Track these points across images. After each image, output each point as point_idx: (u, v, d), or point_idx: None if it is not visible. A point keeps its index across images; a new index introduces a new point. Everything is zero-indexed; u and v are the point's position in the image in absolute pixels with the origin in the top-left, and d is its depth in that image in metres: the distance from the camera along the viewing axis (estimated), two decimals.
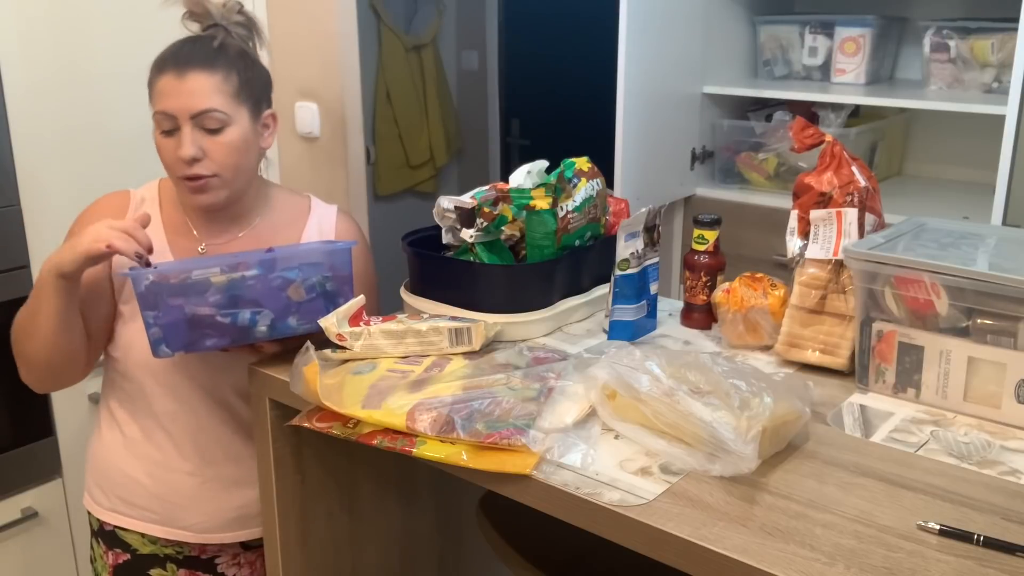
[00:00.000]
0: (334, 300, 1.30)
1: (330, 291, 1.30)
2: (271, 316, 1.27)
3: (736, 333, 1.30)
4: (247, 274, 1.26)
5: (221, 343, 1.28)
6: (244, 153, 1.39)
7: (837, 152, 1.25)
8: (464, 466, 1.02)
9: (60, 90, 2.07)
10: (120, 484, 1.51)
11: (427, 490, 1.54)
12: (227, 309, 1.25)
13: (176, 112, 1.33)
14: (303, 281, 1.28)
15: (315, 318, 1.28)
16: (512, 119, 4.33)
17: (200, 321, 1.25)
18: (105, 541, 1.55)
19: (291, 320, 1.28)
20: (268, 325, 1.27)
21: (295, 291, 1.28)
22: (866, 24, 2.38)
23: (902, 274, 1.12)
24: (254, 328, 1.27)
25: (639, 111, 2.24)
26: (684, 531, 0.87)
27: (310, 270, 1.29)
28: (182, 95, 1.33)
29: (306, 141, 2.57)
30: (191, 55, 1.36)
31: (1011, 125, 1.83)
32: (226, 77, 1.36)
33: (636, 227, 1.30)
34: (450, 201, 1.37)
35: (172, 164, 1.36)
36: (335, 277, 1.30)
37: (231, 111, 1.36)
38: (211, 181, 1.36)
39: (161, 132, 1.36)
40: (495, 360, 1.24)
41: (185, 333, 1.26)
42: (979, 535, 0.85)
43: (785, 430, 1.01)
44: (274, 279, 1.27)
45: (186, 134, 1.33)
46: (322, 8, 2.42)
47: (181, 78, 1.33)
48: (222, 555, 1.55)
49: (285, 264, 1.28)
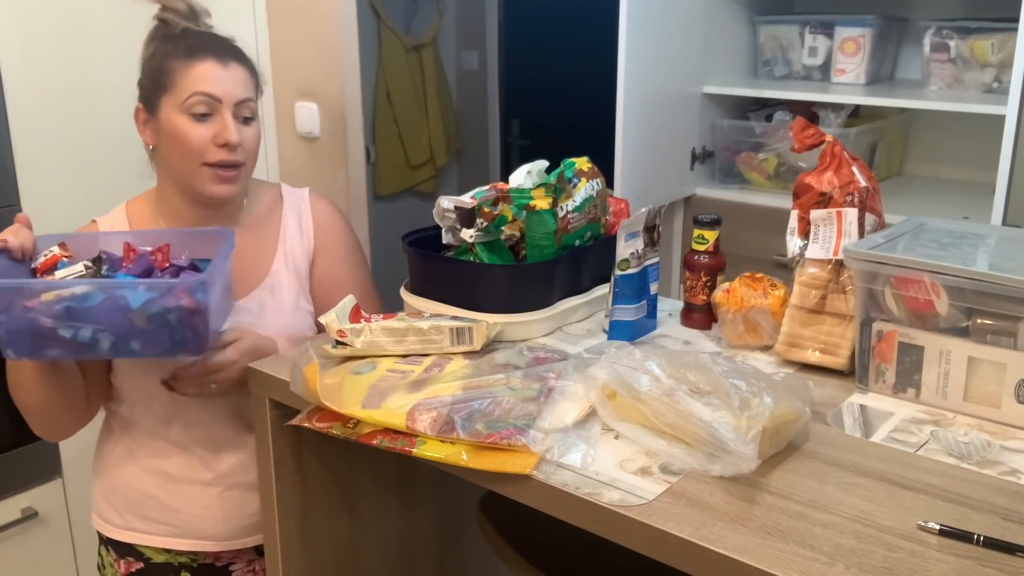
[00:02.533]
0: (181, 331, 1.25)
1: (173, 322, 1.25)
2: (112, 338, 1.24)
3: (736, 333, 1.30)
4: (76, 291, 1.23)
5: (65, 355, 1.28)
6: (260, 146, 1.45)
7: (837, 152, 1.25)
8: (464, 466, 1.02)
9: (60, 91, 2.07)
10: (135, 502, 1.50)
11: (427, 490, 1.54)
12: (70, 322, 1.22)
13: (223, 96, 1.35)
14: (144, 309, 1.23)
15: (160, 346, 1.26)
16: (512, 119, 4.33)
17: (42, 332, 1.23)
18: (116, 550, 1.53)
19: (133, 344, 1.25)
20: (110, 344, 1.25)
21: (137, 317, 1.24)
22: (866, 24, 2.38)
23: (902, 274, 1.12)
24: (96, 346, 1.24)
25: (639, 111, 2.24)
26: (684, 531, 0.87)
27: (152, 300, 1.24)
28: (227, 82, 1.36)
29: (306, 141, 2.57)
30: (225, 47, 1.41)
31: (1011, 125, 1.83)
32: (252, 74, 1.43)
33: (636, 227, 1.30)
34: (450, 201, 1.37)
35: (204, 149, 1.36)
36: (179, 308, 1.24)
37: (256, 105, 1.42)
38: (241, 171, 1.40)
39: (191, 116, 1.36)
40: (495, 360, 1.24)
41: (28, 341, 1.24)
42: (979, 535, 0.85)
43: (785, 430, 1.01)
44: (111, 302, 1.23)
45: (230, 120, 1.36)
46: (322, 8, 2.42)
47: (225, 66, 1.37)
48: (237, 562, 1.54)
49: (128, 289, 1.24)
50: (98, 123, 2.14)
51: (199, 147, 1.36)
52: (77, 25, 2.09)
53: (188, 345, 1.28)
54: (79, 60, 2.10)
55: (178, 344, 1.27)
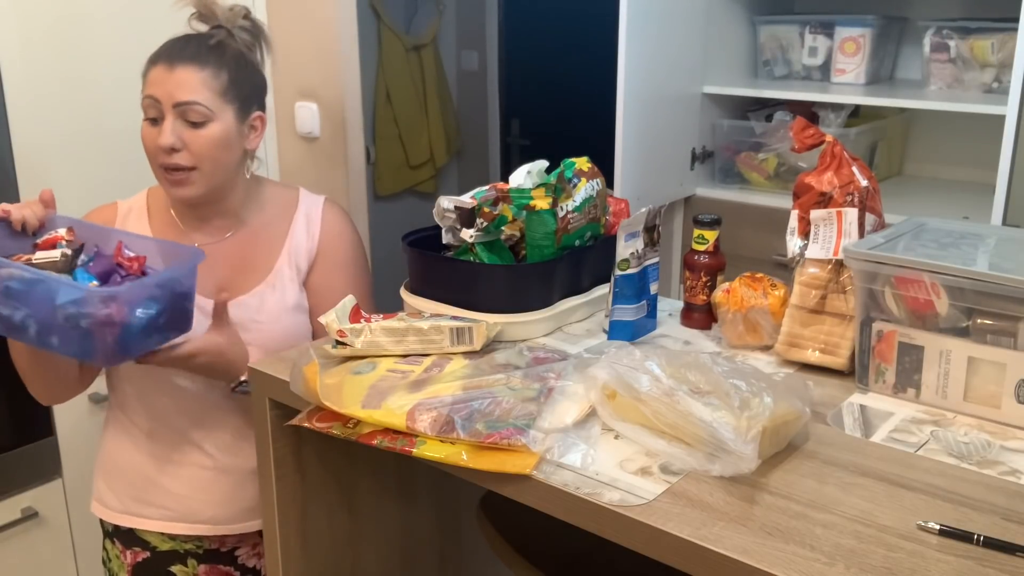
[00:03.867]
0: (90, 338, 1.25)
1: (84, 328, 1.24)
2: (37, 328, 1.26)
3: (736, 333, 1.30)
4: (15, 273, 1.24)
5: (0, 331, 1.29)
6: (225, 150, 1.42)
7: (837, 152, 1.25)
8: (464, 466, 1.02)
9: (61, 90, 2.07)
10: (133, 484, 1.52)
11: (427, 490, 1.54)
12: (8, 301, 1.25)
13: (161, 98, 1.37)
14: (61, 308, 1.24)
15: (69, 345, 1.26)
16: (512, 119, 4.33)
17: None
18: (122, 541, 1.55)
19: (53, 339, 1.26)
20: (35, 333, 1.26)
21: (57, 313, 1.24)
22: (866, 24, 2.38)
23: (902, 274, 1.12)
24: (25, 331, 1.27)
25: (639, 111, 2.24)
26: (684, 531, 0.87)
27: (71, 302, 1.24)
28: (168, 84, 1.37)
29: (306, 141, 2.57)
30: (183, 49, 1.41)
31: (1011, 125, 1.83)
32: (215, 74, 1.40)
33: (636, 227, 1.30)
34: (450, 201, 1.37)
35: (152, 152, 1.39)
36: (91, 316, 1.23)
37: (215, 107, 1.39)
38: (190, 174, 1.39)
39: (146, 120, 1.40)
40: (495, 360, 1.24)
41: None
42: (979, 535, 0.85)
43: (785, 430, 1.01)
44: (43, 293, 1.24)
45: (167, 123, 1.37)
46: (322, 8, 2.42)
47: (171, 69, 1.38)
48: (242, 546, 1.56)
49: (57, 285, 1.25)
50: (98, 122, 2.14)
51: (150, 150, 1.40)
52: (77, 23, 2.09)
53: (93, 355, 1.29)
54: (79, 58, 2.10)
55: (86, 351, 1.28)
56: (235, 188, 1.49)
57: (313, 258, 1.55)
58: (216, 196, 1.46)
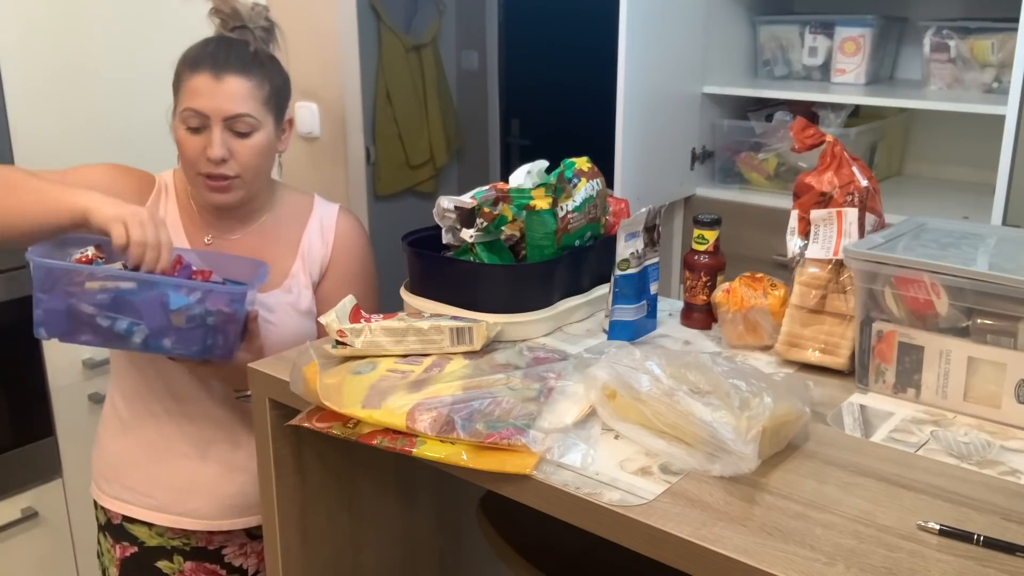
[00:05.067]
0: (214, 335, 1.31)
1: (211, 325, 1.30)
2: (147, 332, 1.28)
3: (736, 333, 1.30)
4: (123, 286, 1.26)
5: (96, 342, 1.30)
6: (266, 157, 1.44)
7: (838, 152, 1.25)
8: (464, 466, 1.02)
9: (60, 89, 2.07)
10: (122, 471, 1.53)
11: (427, 490, 1.54)
12: (110, 312, 1.26)
13: (210, 112, 1.36)
14: (186, 309, 1.28)
15: (190, 346, 1.30)
16: (512, 119, 4.33)
17: (81, 317, 1.27)
18: (112, 534, 1.56)
19: (166, 341, 1.29)
20: (143, 339, 1.28)
21: (176, 317, 1.28)
22: (866, 24, 2.38)
23: (902, 274, 1.12)
24: (129, 338, 1.28)
25: (639, 111, 2.24)
26: (684, 531, 0.87)
27: (197, 302, 1.29)
28: (217, 97, 1.36)
29: (306, 141, 2.57)
30: (228, 58, 1.39)
31: (1011, 125, 1.83)
32: (260, 84, 1.40)
33: (636, 227, 1.30)
34: (450, 201, 1.37)
35: (195, 161, 1.38)
36: (220, 314, 1.30)
37: (261, 117, 1.40)
38: (233, 182, 1.40)
39: (187, 128, 1.38)
40: (495, 360, 1.24)
41: (64, 323, 1.27)
42: (979, 535, 0.85)
43: (785, 430, 1.01)
44: (156, 299, 1.27)
45: (216, 135, 1.36)
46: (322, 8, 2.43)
47: (218, 80, 1.36)
48: (229, 545, 1.57)
49: (175, 289, 1.28)
50: (97, 118, 2.14)
51: (191, 158, 1.39)
52: (76, 20, 2.09)
53: (216, 351, 1.33)
54: (78, 55, 2.10)
55: (207, 349, 1.32)
56: (261, 189, 1.50)
57: (326, 267, 1.56)
58: (242, 203, 1.47)
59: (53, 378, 2.11)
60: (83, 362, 2.16)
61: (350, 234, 1.58)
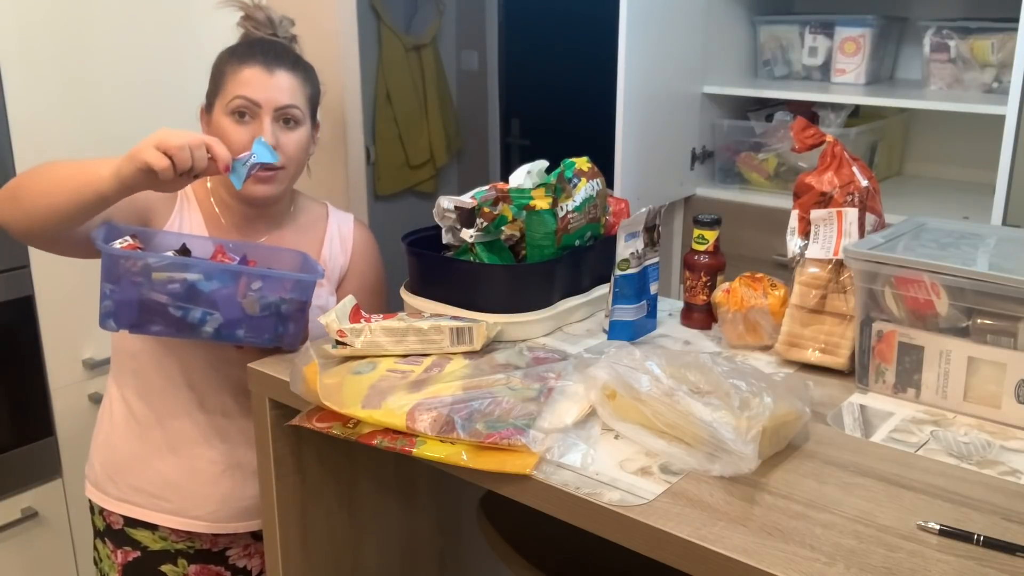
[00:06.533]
0: (285, 322, 1.32)
1: (284, 313, 1.31)
2: (220, 321, 1.28)
3: (736, 333, 1.30)
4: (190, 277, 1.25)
5: (166, 332, 1.30)
6: (306, 153, 1.48)
7: (838, 152, 1.25)
8: (464, 466, 1.02)
9: (60, 90, 2.07)
10: (134, 472, 1.51)
11: (427, 490, 1.54)
12: (182, 302, 1.27)
13: (263, 102, 1.39)
14: (261, 298, 1.29)
15: (262, 334, 1.31)
16: (512, 119, 4.33)
17: (152, 307, 1.26)
18: (113, 540, 1.55)
19: (239, 331, 1.30)
20: (215, 329, 1.29)
21: (250, 304, 1.29)
22: (866, 24, 2.38)
23: (902, 274, 1.12)
24: (201, 327, 1.28)
25: (639, 111, 2.24)
26: (684, 531, 0.87)
27: (272, 289, 1.30)
28: (270, 88, 1.40)
29: None
30: (279, 54, 1.44)
31: (1011, 125, 1.83)
32: (303, 83, 1.46)
33: (636, 227, 1.30)
34: (450, 201, 1.37)
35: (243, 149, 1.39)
36: (292, 301, 1.31)
37: (305, 113, 1.45)
38: (278, 173, 1.42)
39: (234, 116, 1.40)
40: (495, 360, 1.24)
41: (135, 314, 1.27)
42: (979, 535, 0.85)
43: (785, 430, 1.01)
44: (228, 287, 1.28)
45: (267, 124, 1.39)
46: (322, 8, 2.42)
47: (270, 72, 1.41)
48: (233, 546, 1.56)
49: (251, 277, 1.29)
50: (99, 122, 2.14)
51: (238, 147, 1.39)
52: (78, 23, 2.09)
53: (286, 339, 1.33)
54: (80, 59, 2.10)
55: (278, 336, 1.32)
56: (288, 191, 1.52)
57: (343, 276, 1.58)
58: (278, 199, 1.49)
59: (53, 378, 2.11)
60: (83, 362, 2.15)
61: (366, 245, 1.60)
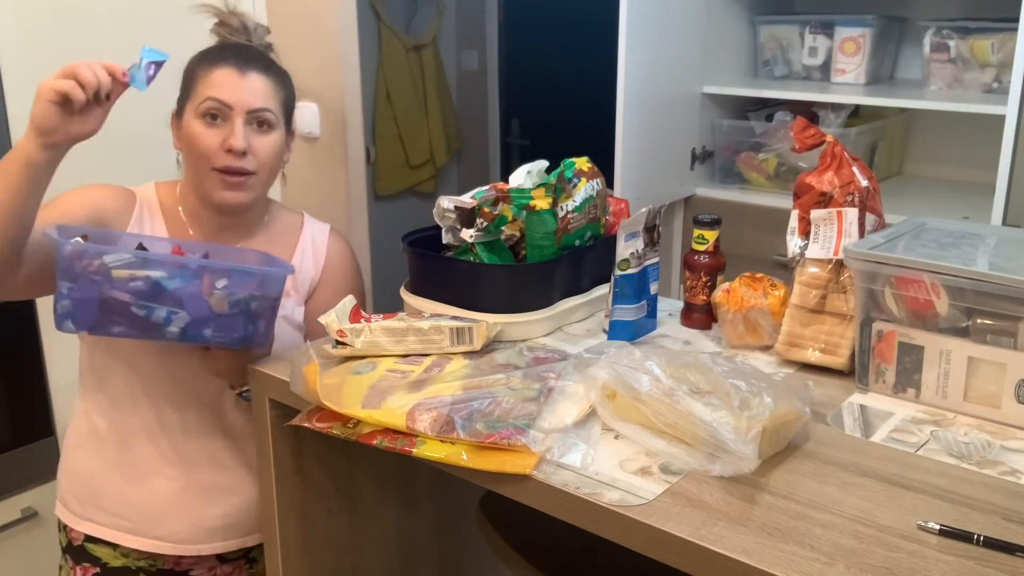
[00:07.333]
0: (255, 320, 1.26)
1: (254, 310, 1.25)
2: (186, 320, 1.22)
3: (736, 333, 1.30)
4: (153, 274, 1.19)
5: (128, 333, 1.23)
6: (279, 159, 1.44)
7: (838, 152, 1.25)
8: (464, 466, 1.02)
9: None
10: (95, 490, 1.47)
11: (427, 490, 1.54)
12: (146, 301, 1.20)
13: (235, 104, 1.36)
14: (229, 294, 1.23)
15: (231, 334, 1.25)
16: (512, 119, 4.33)
17: (114, 306, 1.20)
18: (73, 556, 1.51)
19: (206, 330, 1.24)
20: (181, 328, 1.22)
21: (218, 302, 1.22)
22: (866, 24, 2.38)
23: (902, 274, 1.12)
24: (166, 327, 1.22)
25: (639, 111, 2.24)
26: (684, 531, 0.87)
27: (240, 285, 1.23)
28: (244, 90, 1.37)
29: (306, 141, 2.57)
30: (251, 57, 1.41)
31: (1011, 125, 1.83)
32: (277, 86, 1.43)
33: (636, 227, 1.30)
34: (450, 201, 1.37)
35: (212, 153, 1.37)
36: (262, 298, 1.26)
37: (279, 116, 1.42)
38: (249, 179, 1.39)
39: (205, 119, 1.37)
40: (495, 360, 1.24)
41: (95, 314, 1.20)
42: (979, 535, 0.85)
43: (785, 430, 1.01)
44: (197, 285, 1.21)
45: (239, 126, 1.36)
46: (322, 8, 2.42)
47: (243, 74, 1.38)
48: (197, 567, 1.52)
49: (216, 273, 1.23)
50: None
51: (207, 151, 1.37)
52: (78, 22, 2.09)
53: (256, 338, 1.28)
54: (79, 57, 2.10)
55: (247, 336, 1.27)
56: (261, 199, 1.48)
57: (314, 287, 1.53)
58: (250, 206, 1.45)
59: (53, 378, 2.11)
60: None
61: (341, 256, 1.56)
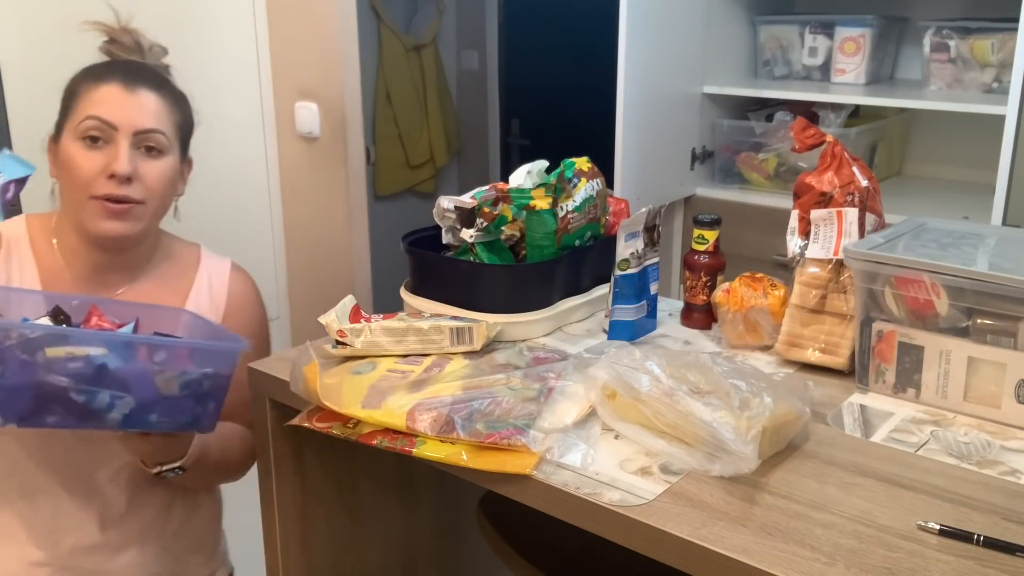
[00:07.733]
0: (205, 402, 1.13)
1: (206, 390, 1.12)
2: (131, 405, 1.06)
3: (736, 333, 1.30)
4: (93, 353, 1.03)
5: (65, 423, 1.06)
6: (171, 187, 1.31)
7: (838, 152, 1.25)
8: (464, 466, 1.02)
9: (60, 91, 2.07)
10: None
11: (427, 490, 1.54)
12: (87, 385, 1.03)
13: (120, 124, 1.23)
14: (180, 375, 1.09)
15: (179, 417, 1.11)
16: (512, 119, 4.33)
17: (49, 393, 1.03)
18: None
19: (151, 416, 1.09)
20: (124, 415, 1.07)
21: (166, 383, 1.08)
22: (866, 24, 2.38)
23: (902, 274, 1.12)
24: (108, 414, 1.06)
25: (639, 111, 2.24)
26: (684, 531, 0.87)
27: (194, 364, 1.11)
28: (131, 109, 1.24)
29: (306, 141, 2.57)
30: (143, 74, 1.29)
31: (1011, 125, 1.83)
32: (172, 107, 1.30)
33: (636, 227, 1.30)
34: (450, 201, 1.37)
35: (92, 180, 1.22)
36: (215, 376, 1.13)
37: (170, 141, 1.28)
38: (135, 208, 1.25)
39: (84, 142, 1.23)
40: (495, 360, 1.24)
41: (27, 403, 1.03)
42: (979, 535, 0.85)
43: (785, 430, 1.01)
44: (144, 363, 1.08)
45: (124, 149, 1.22)
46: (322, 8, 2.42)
47: (131, 92, 1.25)
48: None
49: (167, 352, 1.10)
50: None
51: (87, 177, 1.22)
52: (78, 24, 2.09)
53: (205, 421, 1.15)
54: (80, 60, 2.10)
55: (196, 419, 1.14)
56: (149, 236, 1.34)
57: None
58: (136, 240, 1.30)
59: None
60: None
61: (243, 296, 1.43)
